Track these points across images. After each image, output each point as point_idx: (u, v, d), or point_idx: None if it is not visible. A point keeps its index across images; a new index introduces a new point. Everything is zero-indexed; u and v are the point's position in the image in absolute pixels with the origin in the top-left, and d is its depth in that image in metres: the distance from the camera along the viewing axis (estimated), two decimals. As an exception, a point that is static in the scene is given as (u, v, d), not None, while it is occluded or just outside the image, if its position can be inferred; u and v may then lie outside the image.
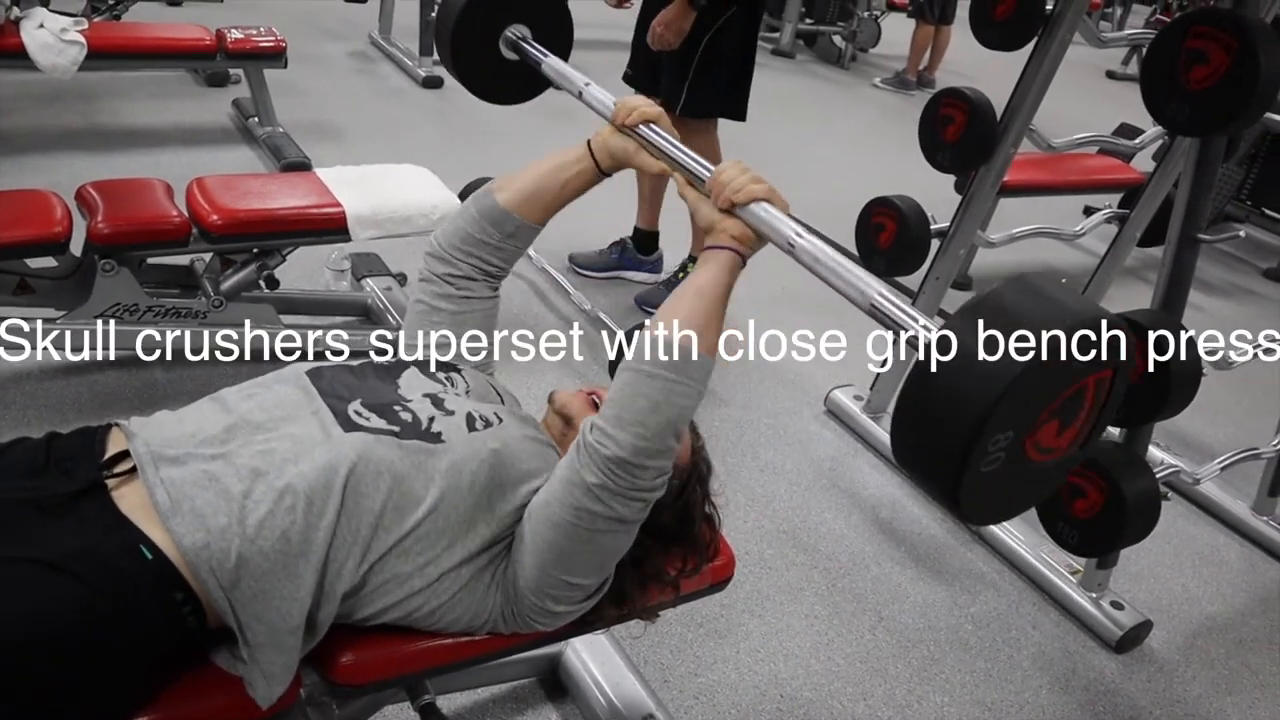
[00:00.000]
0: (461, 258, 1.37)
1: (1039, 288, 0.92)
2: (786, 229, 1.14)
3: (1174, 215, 1.96)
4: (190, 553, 1.01)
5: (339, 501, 1.07)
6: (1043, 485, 1.02)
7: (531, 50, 1.61)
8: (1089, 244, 4.05)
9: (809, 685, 1.88)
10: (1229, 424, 3.10)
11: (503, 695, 1.75)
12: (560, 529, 1.11)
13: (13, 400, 2.25)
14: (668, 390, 1.06)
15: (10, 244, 2.08)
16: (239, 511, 1.04)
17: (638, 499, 1.09)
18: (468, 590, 1.16)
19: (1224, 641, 2.20)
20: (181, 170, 3.26)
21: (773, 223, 1.15)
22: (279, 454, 1.09)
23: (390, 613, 1.14)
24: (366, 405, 1.18)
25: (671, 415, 1.07)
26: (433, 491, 1.12)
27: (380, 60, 5.43)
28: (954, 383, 0.87)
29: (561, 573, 1.14)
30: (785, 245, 1.13)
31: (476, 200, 1.38)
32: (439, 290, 1.38)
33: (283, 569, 1.04)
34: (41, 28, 3.32)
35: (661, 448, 1.08)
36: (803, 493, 2.43)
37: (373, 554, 1.10)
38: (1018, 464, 0.91)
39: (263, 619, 1.04)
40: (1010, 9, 2.18)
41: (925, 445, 0.92)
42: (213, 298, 2.30)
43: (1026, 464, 0.92)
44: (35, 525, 1.00)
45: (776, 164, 4.91)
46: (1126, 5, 9.60)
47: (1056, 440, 0.93)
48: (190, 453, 1.09)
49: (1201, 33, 1.68)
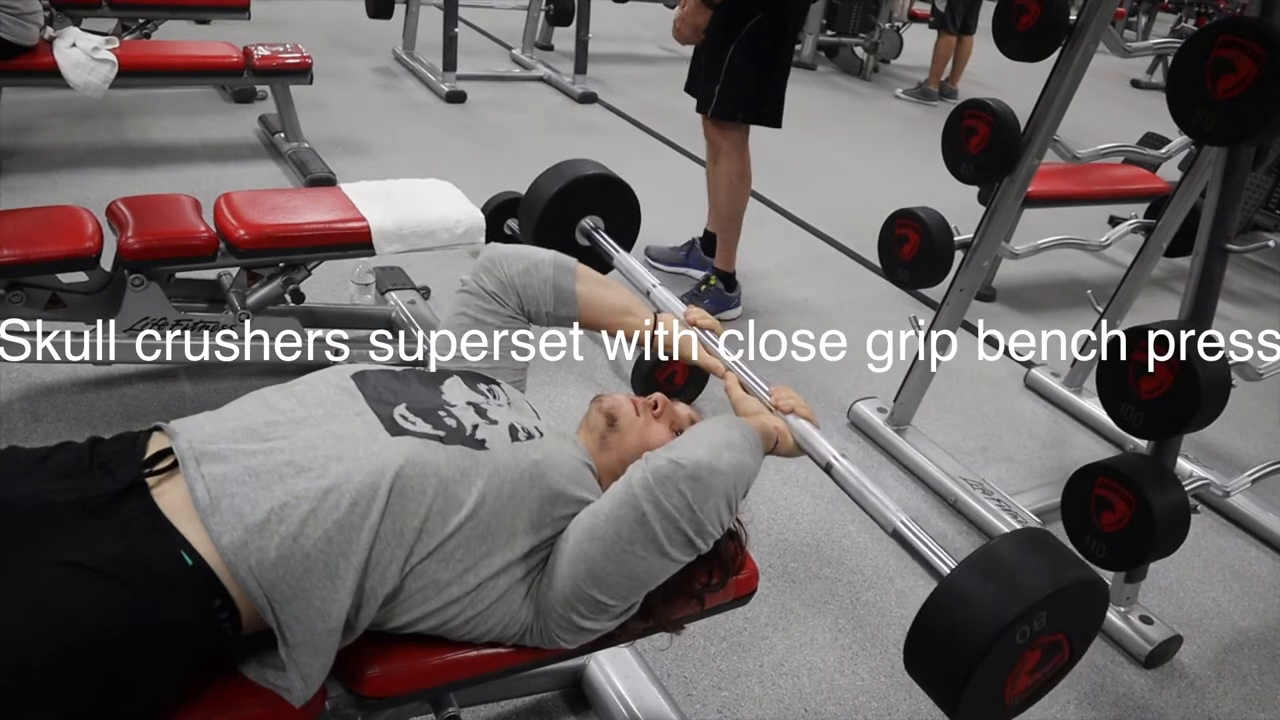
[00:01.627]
0: (513, 295, 1.46)
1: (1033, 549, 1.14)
2: (825, 449, 1.32)
3: (1202, 225, 1.94)
4: (229, 551, 1.02)
5: (384, 503, 1.08)
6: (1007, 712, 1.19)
7: (604, 244, 1.86)
8: (1115, 254, 4.03)
9: (833, 700, 1.87)
10: (1259, 436, 3.06)
11: (526, 708, 1.75)
12: (601, 544, 1.12)
13: (44, 413, 2.28)
14: (747, 460, 1.19)
15: (43, 259, 2.11)
16: (280, 509, 1.04)
17: (688, 539, 1.13)
18: (503, 601, 1.17)
19: (1256, 657, 2.17)
20: (209, 186, 3.30)
21: (816, 443, 1.34)
22: (322, 452, 1.09)
23: (426, 621, 1.14)
24: (412, 409, 1.19)
25: (740, 484, 1.16)
26: (474, 496, 1.13)
27: (404, 75, 5.49)
28: (966, 613, 1.07)
29: (590, 588, 1.14)
30: (823, 464, 1.31)
31: (558, 270, 1.47)
32: (487, 306, 1.46)
33: (324, 568, 1.05)
34: (74, 47, 3.37)
35: (728, 505, 1.15)
36: (826, 505, 2.42)
37: (415, 557, 1.10)
38: (996, 685, 1.10)
39: (301, 619, 1.04)
40: (1034, 20, 2.17)
41: (938, 659, 1.10)
42: (239, 311, 2.33)
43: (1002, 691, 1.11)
44: (79, 526, 1.01)
45: (799, 175, 4.93)
46: (1151, 14, 9.55)
47: (1028, 677, 1.13)
48: (232, 448, 1.09)
49: (1229, 42, 1.67)
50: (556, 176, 1.93)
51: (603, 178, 1.96)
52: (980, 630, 1.05)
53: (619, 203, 1.96)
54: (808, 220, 4.31)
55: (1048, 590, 1.06)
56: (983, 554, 1.11)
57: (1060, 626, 1.10)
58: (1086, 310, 3.02)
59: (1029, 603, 1.05)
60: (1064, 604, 1.08)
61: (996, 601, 1.05)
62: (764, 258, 3.78)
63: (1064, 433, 2.97)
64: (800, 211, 4.38)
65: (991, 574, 1.08)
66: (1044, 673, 1.14)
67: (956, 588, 1.10)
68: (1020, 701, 1.14)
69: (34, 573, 0.96)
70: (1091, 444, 2.91)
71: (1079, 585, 1.10)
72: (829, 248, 4.08)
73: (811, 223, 4.29)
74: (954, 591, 1.09)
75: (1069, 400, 3.04)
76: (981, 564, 1.11)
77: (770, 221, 4.26)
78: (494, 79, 5.65)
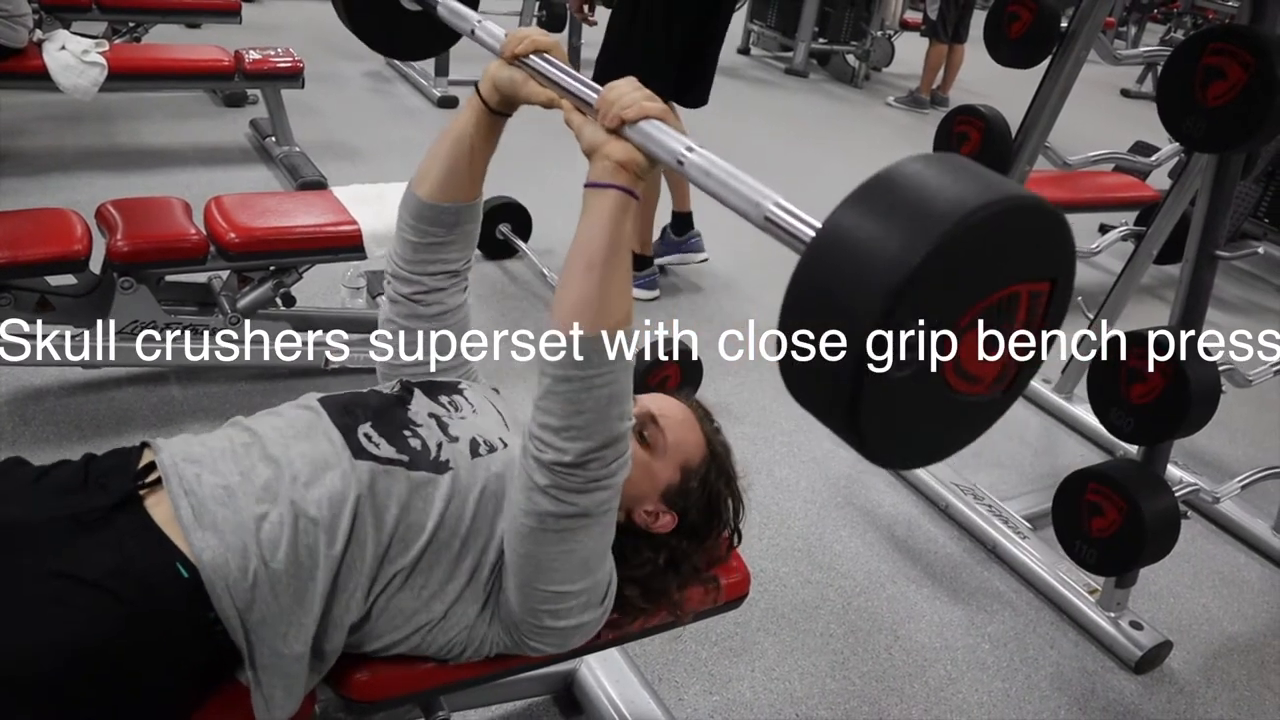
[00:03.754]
0: (421, 270, 1.32)
1: (953, 162, 0.74)
2: (678, 143, 0.98)
3: (1192, 231, 1.95)
4: (209, 568, 1.02)
5: (348, 530, 1.07)
6: (966, 426, 0.82)
7: None
8: (1104, 262, 4.04)
9: (824, 704, 1.87)
10: (1247, 442, 3.07)
11: (517, 712, 1.74)
12: (529, 538, 1.08)
13: (32, 416, 2.26)
14: (585, 388, 1.01)
15: (31, 261, 2.11)
16: (254, 532, 1.04)
17: (596, 489, 1.05)
18: (473, 627, 1.16)
19: (1245, 663, 2.17)
20: (200, 189, 3.29)
21: (663, 139, 1.00)
22: (291, 476, 1.09)
23: (400, 646, 1.14)
24: (376, 429, 1.17)
25: (599, 406, 1.01)
26: (433, 520, 1.12)
27: (396, 80, 5.48)
28: (850, 271, 0.70)
29: (543, 583, 1.11)
30: (674, 161, 0.97)
31: (404, 208, 1.31)
32: (408, 311, 1.34)
33: (292, 594, 1.04)
34: (63, 49, 3.36)
35: (605, 439, 1.03)
36: (818, 510, 2.42)
37: (378, 585, 1.10)
38: (934, 383, 0.73)
39: (268, 643, 1.04)
40: (1026, 26, 2.18)
41: (818, 347, 0.73)
42: (229, 315, 2.32)
43: (945, 388, 0.74)
44: (75, 541, 1.01)
45: (790, 181, 4.92)
46: (1141, 24, 9.61)
47: (981, 366, 0.75)
48: (212, 468, 1.09)
49: (1219, 49, 1.68)
50: None
51: None
52: (867, 294, 0.67)
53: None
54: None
55: (963, 217, 0.66)
56: (865, 188, 0.75)
57: (1002, 279, 0.73)
58: (1077, 317, 3.03)
59: (934, 243, 0.66)
60: (994, 238, 0.70)
61: (887, 249, 0.67)
62: (759, 259, 3.79)
63: (1054, 439, 2.98)
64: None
65: (881, 215, 0.71)
66: (1016, 327, 0.76)
67: (825, 246, 0.73)
68: (1004, 378, 0.78)
69: (30, 587, 0.96)
70: (1082, 450, 2.91)
71: (1011, 211, 0.69)
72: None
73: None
74: (822, 252, 0.73)
75: (1059, 406, 3.05)
76: (865, 201, 0.74)
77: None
78: (486, 84, 5.64)
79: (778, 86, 7.03)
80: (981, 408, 0.79)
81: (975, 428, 0.81)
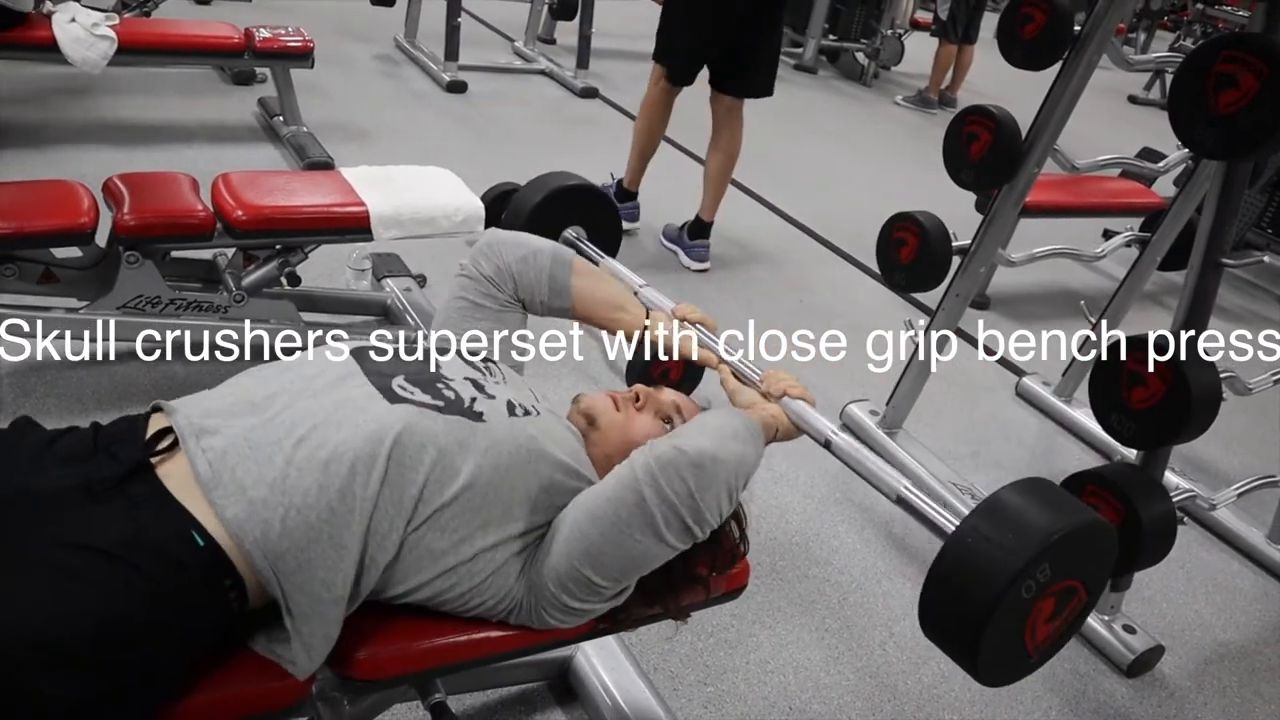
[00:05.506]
0: (510, 281, 1.46)
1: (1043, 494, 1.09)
2: (822, 426, 1.32)
3: (1198, 238, 1.96)
4: (233, 525, 1.02)
5: (383, 470, 1.07)
6: (1011, 669, 1.14)
7: (589, 251, 1.82)
8: (1108, 267, 4.04)
9: (818, 699, 1.87)
10: (1243, 451, 3.08)
11: (512, 698, 1.75)
12: (599, 525, 1.12)
13: (33, 388, 2.27)
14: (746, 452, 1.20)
15: (37, 233, 2.10)
16: (281, 480, 1.04)
17: (697, 528, 1.13)
18: (498, 575, 1.16)
19: (1236, 669, 2.18)
20: (206, 166, 3.28)
21: (814, 420, 1.33)
22: (321, 420, 1.09)
23: (421, 591, 1.14)
24: (410, 380, 1.19)
25: (741, 474, 1.18)
26: (470, 467, 1.13)
27: (405, 64, 5.47)
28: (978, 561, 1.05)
29: (585, 568, 1.14)
30: (821, 440, 1.31)
31: (555, 262, 1.46)
32: (484, 290, 1.45)
33: (328, 539, 1.04)
34: (73, 22, 3.36)
35: (729, 509, 1.16)
36: (816, 505, 2.42)
37: (413, 524, 1.10)
38: (1020, 621, 1.06)
39: (306, 589, 1.04)
40: (1039, 29, 2.18)
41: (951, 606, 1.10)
42: (234, 293, 2.32)
43: (1020, 633, 1.07)
44: (87, 511, 1.01)
45: (798, 179, 4.93)
46: (1150, 31, 9.61)
47: (1043, 628, 1.08)
48: (230, 422, 1.09)
49: (1231, 57, 1.68)
50: (538, 188, 1.92)
51: (583, 188, 1.95)
52: (988, 583, 1.03)
53: (600, 212, 1.98)
54: (805, 222, 4.32)
55: (1050, 539, 1.03)
56: (986, 506, 1.08)
57: (1070, 573, 1.07)
58: (1079, 321, 3.03)
59: (1032, 554, 1.02)
60: (1069, 550, 1.05)
61: (1001, 554, 1.03)
62: (763, 258, 3.79)
63: (1053, 441, 2.99)
64: (798, 214, 4.39)
65: (995, 525, 1.05)
66: (1064, 619, 1.10)
67: (959, 545, 1.09)
68: (1044, 650, 1.11)
69: (44, 557, 0.95)
70: (1080, 453, 2.92)
71: (1082, 529, 1.07)
72: (826, 250, 4.09)
73: (809, 225, 4.29)
74: (958, 549, 1.09)
75: (1059, 409, 3.06)
76: (986, 515, 1.08)
77: (768, 222, 4.27)
78: (495, 71, 5.64)
79: (786, 82, 6.99)
80: (1025, 661, 1.11)
81: (1013, 675, 1.13)
